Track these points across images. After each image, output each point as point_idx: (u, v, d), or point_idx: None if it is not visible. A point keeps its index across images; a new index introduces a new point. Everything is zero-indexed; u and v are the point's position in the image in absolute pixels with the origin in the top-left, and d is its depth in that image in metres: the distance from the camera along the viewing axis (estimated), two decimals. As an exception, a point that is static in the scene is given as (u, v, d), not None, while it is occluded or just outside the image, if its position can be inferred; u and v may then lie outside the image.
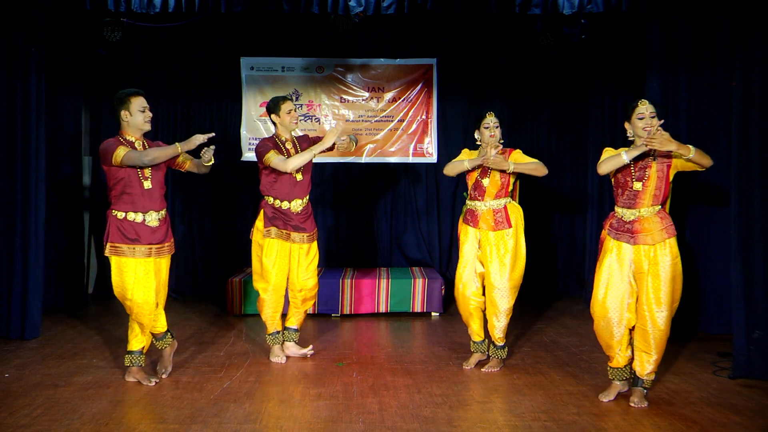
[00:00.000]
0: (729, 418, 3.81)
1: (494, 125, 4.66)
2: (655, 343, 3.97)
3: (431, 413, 3.90)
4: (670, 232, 3.95)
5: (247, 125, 7.69)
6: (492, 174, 4.66)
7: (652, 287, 3.96)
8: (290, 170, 4.73)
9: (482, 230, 4.70)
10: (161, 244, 4.40)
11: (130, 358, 4.47)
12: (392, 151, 7.77)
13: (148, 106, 4.35)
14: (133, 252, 4.29)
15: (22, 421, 3.74)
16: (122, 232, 4.27)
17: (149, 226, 4.33)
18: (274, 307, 4.96)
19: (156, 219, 4.36)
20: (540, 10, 5.26)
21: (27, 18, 5.42)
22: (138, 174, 4.28)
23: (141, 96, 4.32)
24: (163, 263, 4.47)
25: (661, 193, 3.98)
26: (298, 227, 4.91)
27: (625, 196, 4.07)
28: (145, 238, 4.31)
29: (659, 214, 3.98)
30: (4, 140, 5.49)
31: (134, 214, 4.29)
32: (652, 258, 3.96)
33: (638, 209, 4.00)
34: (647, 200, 3.99)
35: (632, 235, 4.02)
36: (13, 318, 5.50)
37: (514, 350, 5.24)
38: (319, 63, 7.72)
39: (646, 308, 3.97)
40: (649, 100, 4.00)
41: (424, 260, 7.77)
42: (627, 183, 4.05)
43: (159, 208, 4.39)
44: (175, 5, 5.20)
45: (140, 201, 4.29)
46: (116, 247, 4.28)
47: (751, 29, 4.61)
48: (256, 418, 3.82)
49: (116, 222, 4.29)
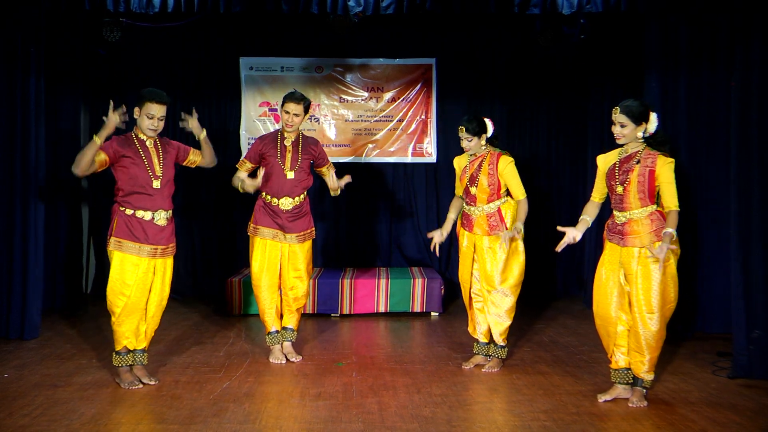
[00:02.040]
0: (729, 418, 3.81)
1: (466, 139, 4.67)
2: (647, 345, 3.96)
3: (431, 413, 3.90)
4: (660, 235, 3.92)
5: (246, 125, 7.69)
6: (479, 182, 4.66)
7: (643, 289, 3.95)
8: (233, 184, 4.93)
9: (477, 234, 4.71)
10: (166, 246, 4.40)
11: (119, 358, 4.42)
12: (391, 151, 7.77)
13: (161, 115, 4.33)
14: (138, 250, 4.29)
15: (21, 422, 3.74)
16: (129, 229, 4.27)
17: (158, 225, 4.33)
18: (268, 304, 4.96)
19: (164, 218, 4.36)
20: (539, 9, 5.26)
21: (27, 18, 5.41)
22: (148, 173, 4.30)
23: (158, 103, 4.30)
24: (167, 263, 4.46)
25: (647, 195, 3.96)
26: (284, 226, 4.90)
27: (613, 200, 4.11)
28: (153, 238, 4.30)
29: (651, 217, 3.96)
30: (4, 140, 5.48)
31: (143, 212, 4.29)
32: (643, 260, 3.96)
33: (628, 212, 4.01)
34: (633, 203, 3.99)
35: (622, 237, 4.03)
36: (12, 318, 5.50)
37: (514, 350, 5.24)
38: (319, 63, 7.72)
39: (637, 310, 3.97)
40: (622, 108, 3.98)
41: (423, 260, 7.77)
42: (612, 186, 4.09)
43: (168, 208, 4.40)
44: (174, 5, 5.21)
45: (149, 200, 4.30)
46: (120, 243, 4.28)
47: (750, 30, 4.61)
48: (256, 418, 3.82)
49: (124, 218, 4.28)
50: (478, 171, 4.68)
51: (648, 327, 3.94)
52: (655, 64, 5.51)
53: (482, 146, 4.72)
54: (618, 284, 4.07)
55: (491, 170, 4.66)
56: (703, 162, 5.58)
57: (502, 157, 4.68)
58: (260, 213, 4.93)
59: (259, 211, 4.94)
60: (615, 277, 4.08)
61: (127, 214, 4.29)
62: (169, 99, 4.38)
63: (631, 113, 3.96)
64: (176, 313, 6.63)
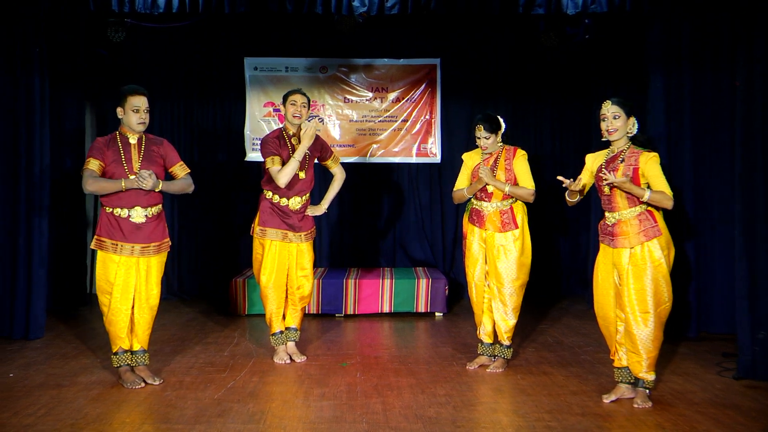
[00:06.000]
0: (733, 418, 3.80)
1: (484, 137, 4.66)
2: (642, 345, 3.95)
3: (435, 413, 3.89)
4: (649, 234, 3.91)
5: (251, 125, 7.70)
6: (497, 178, 4.65)
7: (635, 289, 3.94)
8: (282, 185, 4.73)
9: (488, 231, 4.70)
10: (147, 244, 4.31)
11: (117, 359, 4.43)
12: (396, 151, 7.77)
13: (145, 107, 4.29)
14: (115, 249, 4.26)
15: (26, 421, 3.75)
16: (109, 227, 4.26)
17: (134, 222, 4.26)
18: (276, 305, 4.93)
19: (142, 215, 4.28)
20: (543, 10, 5.25)
21: (31, 19, 5.43)
22: (124, 169, 4.26)
23: (139, 95, 4.27)
24: (152, 262, 4.38)
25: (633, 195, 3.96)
26: (294, 226, 4.88)
27: (602, 200, 4.11)
28: (130, 236, 4.25)
29: (639, 217, 3.94)
30: (9, 141, 5.50)
31: (119, 210, 4.26)
32: (633, 261, 3.95)
33: (617, 212, 4.01)
34: (621, 203, 3.99)
35: (612, 238, 4.03)
36: (16, 318, 5.51)
37: (519, 351, 5.23)
38: (323, 63, 7.72)
39: (630, 310, 3.96)
40: (614, 100, 3.99)
41: (427, 260, 7.77)
42: (599, 187, 4.09)
43: (146, 205, 4.29)
44: (179, 5, 5.21)
45: (125, 196, 4.24)
46: (101, 242, 4.28)
47: (753, 29, 4.60)
48: (260, 418, 3.82)
49: (105, 216, 4.28)
50: (494, 167, 4.68)
51: (641, 327, 3.94)
52: (658, 64, 5.50)
53: (498, 143, 4.73)
54: (614, 285, 4.07)
55: (508, 165, 4.67)
56: (707, 161, 5.56)
57: (518, 150, 4.71)
58: (267, 214, 4.87)
59: (266, 212, 4.88)
60: (610, 278, 4.08)
61: (107, 212, 4.28)
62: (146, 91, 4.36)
63: (623, 104, 3.97)
64: (180, 313, 6.64)
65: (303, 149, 4.74)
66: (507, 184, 4.60)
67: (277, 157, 4.76)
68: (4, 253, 5.55)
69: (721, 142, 5.49)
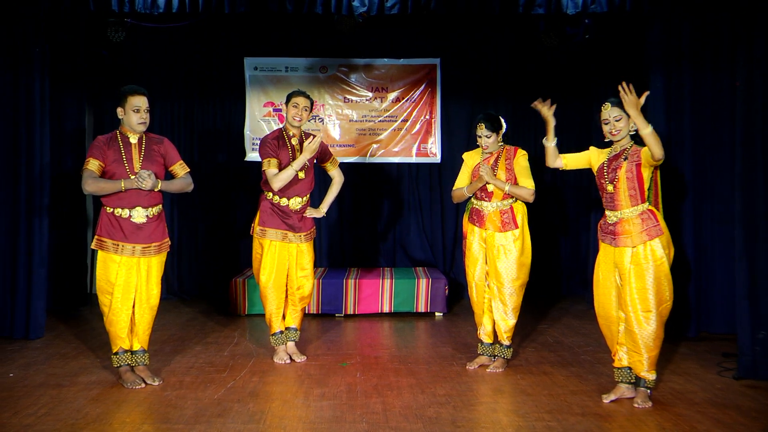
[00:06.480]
0: (734, 418, 3.80)
1: (485, 136, 4.67)
2: (644, 344, 3.95)
3: (435, 413, 3.89)
4: (651, 234, 3.91)
5: (251, 125, 7.70)
6: (497, 177, 4.65)
7: (637, 289, 3.94)
8: (275, 189, 4.75)
9: (488, 231, 4.70)
10: (147, 244, 4.32)
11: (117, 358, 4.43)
12: (396, 151, 7.77)
13: (146, 107, 4.29)
14: (116, 249, 4.27)
15: (26, 421, 3.75)
16: (110, 227, 4.26)
17: (134, 222, 4.26)
18: (276, 306, 4.93)
19: (143, 215, 4.29)
20: (544, 9, 5.26)
21: (31, 19, 5.43)
22: (125, 169, 4.26)
23: (139, 95, 4.27)
24: (152, 262, 4.39)
25: (638, 192, 3.95)
26: (294, 226, 4.88)
27: (604, 199, 4.11)
28: (131, 236, 4.26)
29: (642, 216, 3.95)
30: (9, 141, 5.50)
31: (120, 210, 4.26)
32: (635, 260, 3.95)
33: (619, 211, 4.01)
34: (624, 201, 3.98)
35: (614, 237, 4.03)
36: (17, 318, 5.52)
37: (519, 351, 5.23)
38: (323, 63, 7.73)
39: (631, 309, 3.96)
40: (613, 102, 4.00)
41: (427, 260, 7.77)
42: (602, 185, 4.09)
43: (147, 205, 4.30)
44: (179, 5, 5.21)
45: (126, 196, 4.25)
46: (102, 242, 4.28)
47: (753, 29, 4.60)
48: (260, 418, 3.82)
49: (106, 216, 4.29)
50: (495, 166, 4.68)
51: (643, 326, 3.94)
52: (658, 64, 5.51)
53: (499, 143, 4.73)
54: (615, 284, 4.07)
55: (509, 165, 4.67)
56: (707, 161, 5.56)
57: (519, 150, 4.72)
58: (267, 214, 4.88)
59: (267, 213, 4.88)
60: (611, 277, 4.08)
61: (108, 212, 4.28)
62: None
63: (623, 105, 3.96)
64: (180, 313, 6.64)
65: (302, 160, 4.76)
66: (507, 184, 4.60)
67: (274, 160, 4.77)
68: (4, 253, 5.55)
69: (721, 142, 5.49)
